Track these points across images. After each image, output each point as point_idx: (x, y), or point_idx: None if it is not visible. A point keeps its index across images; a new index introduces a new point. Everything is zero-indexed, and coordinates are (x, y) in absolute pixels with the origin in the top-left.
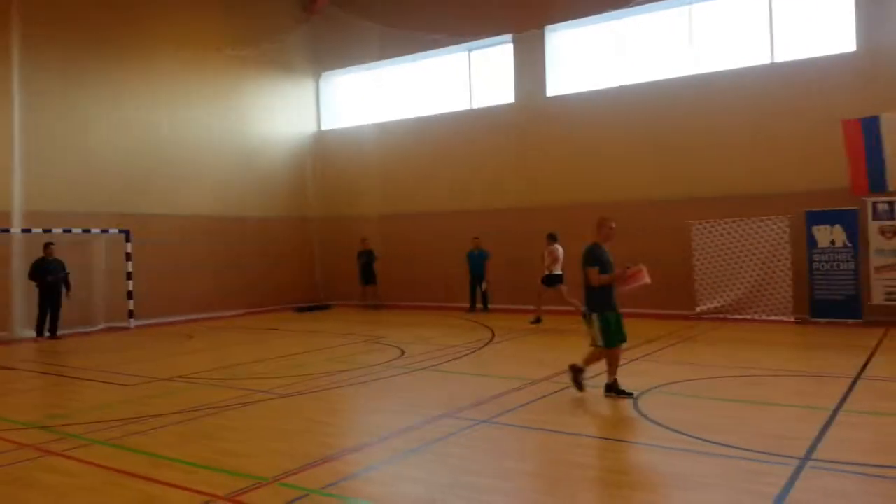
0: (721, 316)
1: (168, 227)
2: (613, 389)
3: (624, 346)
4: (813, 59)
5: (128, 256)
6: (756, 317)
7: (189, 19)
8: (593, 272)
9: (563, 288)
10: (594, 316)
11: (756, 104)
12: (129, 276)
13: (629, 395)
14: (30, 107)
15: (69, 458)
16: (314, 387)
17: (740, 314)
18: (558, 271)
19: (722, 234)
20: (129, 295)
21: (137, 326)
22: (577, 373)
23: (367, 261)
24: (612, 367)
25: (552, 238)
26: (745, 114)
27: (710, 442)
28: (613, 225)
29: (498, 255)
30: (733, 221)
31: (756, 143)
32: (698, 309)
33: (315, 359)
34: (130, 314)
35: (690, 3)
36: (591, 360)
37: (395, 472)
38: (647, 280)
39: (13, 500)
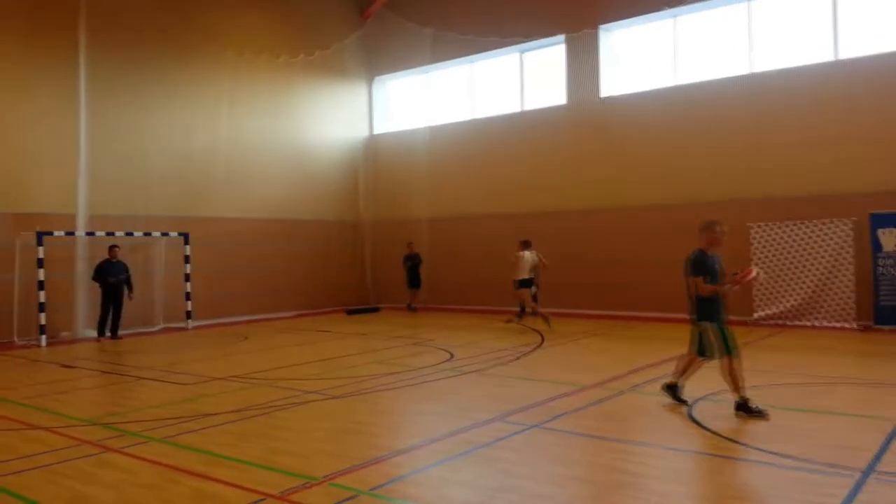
0: (780, 322)
1: (224, 230)
2: (672, 392)
3: (707, 361)
4: (878, 55)
5: (186, 259)
6: (817, 323)
7: (249, 26)
8: (698, 282)
9: (531, 291)
10: (708, 326)
11: (818, 102)
12: (187, 277)
13: (684, 401)
14: (95, 114)
15: (127, 454)
16: (364, 389)
17: (800, 320)
18: (525, 276)
19: (781, 237)
20: (188, 296)
21: (195, 327)
22: (743, 406)
23: (412, 264)
24: (688, 372)
25: (523, 244)
26: (807, 112)
27: (767, 452)
28: (722, 229)
29: (551, 259)
30: (794, 224)
31: (818, 142)
32: (756, 315)
33: (365, 361)
34: (188, 315)
35: (749, 0)
36: (733, 377)
37: (443, 475)
38: (755, 275)
39: (75, 495)
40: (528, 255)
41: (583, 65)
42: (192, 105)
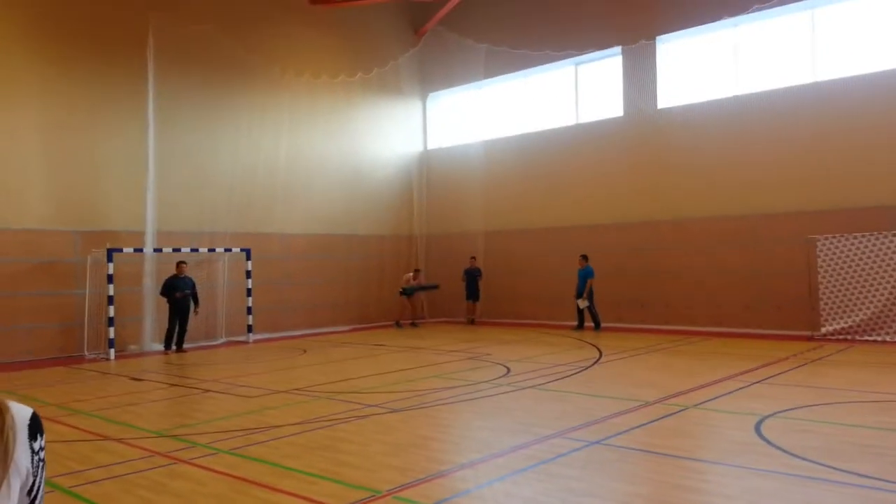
0: (849, 337)
1: (284, 246)
2: None
3: None
4: None
5: (248, 274)
6: (889, 339)
7: (308, 48)
8: None
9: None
10: None
11: (884, 111)
12: (248, 292)
13: None
14: (162, 134)
15: (197, 465)
16: (423, 402)
17: (871, 336)
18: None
19: (850, 250)
20: (249, 310)
21: (255, 340)
22: None
23: (472, 277)
24: None
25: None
26: (873, 121)
27: (840, 470)
28: None
29: (607, 271)
30: (861, 236)
31: (885, 151)
32: (824, 329)
33: (422, 375)
34: (249, 329)
35: (812, 8)
36: None
37: (506, 490)
38: None
39: None
40: (406, 276)
41: (640, 76)
42: (254, 125)
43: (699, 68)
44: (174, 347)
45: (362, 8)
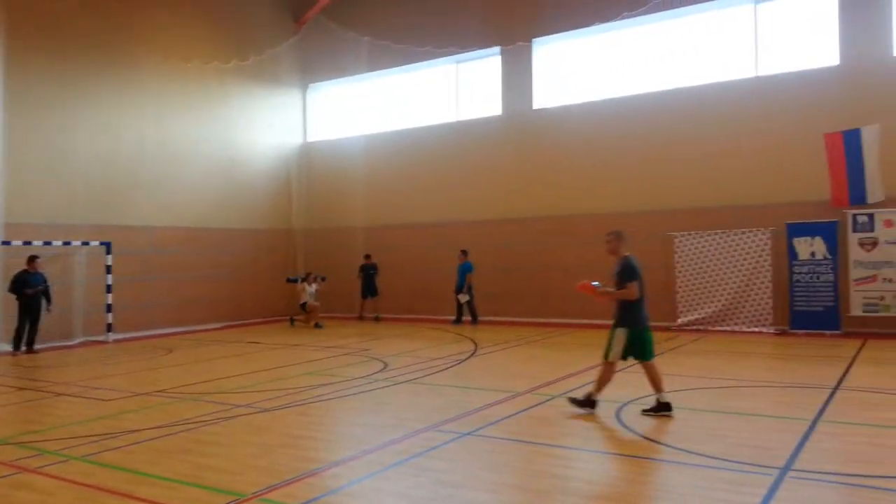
0: (702, 327)
1: (150, 239)
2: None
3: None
4: (796, 72)
5: (108, 269)
6: (737, 328)
7: (178, 30)
8: (636, 287)
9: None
10: (624, 331)
11: (740, 117)
12: (108, 288)
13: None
14: (13, 118)
15: (45, 475)
16: (295, 401)
17: (721, 325)
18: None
19: (704, 246)
20: (108, 308)
21: (116, 340)
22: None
23: (368, 274)
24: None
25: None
26: (729, 126)
27: (689, 452)
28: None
29: (485, 266)
30: (715, 233)
31: (739, 155)
32: (679, 321)
33: (296, 372)
34: (109, 327)
35: (678, 17)
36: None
37: (377, 486)
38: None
39: None
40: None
41: (517, 77)
42: (116, 109)
43: (574, 71)
44: (24, 348)
45: None
